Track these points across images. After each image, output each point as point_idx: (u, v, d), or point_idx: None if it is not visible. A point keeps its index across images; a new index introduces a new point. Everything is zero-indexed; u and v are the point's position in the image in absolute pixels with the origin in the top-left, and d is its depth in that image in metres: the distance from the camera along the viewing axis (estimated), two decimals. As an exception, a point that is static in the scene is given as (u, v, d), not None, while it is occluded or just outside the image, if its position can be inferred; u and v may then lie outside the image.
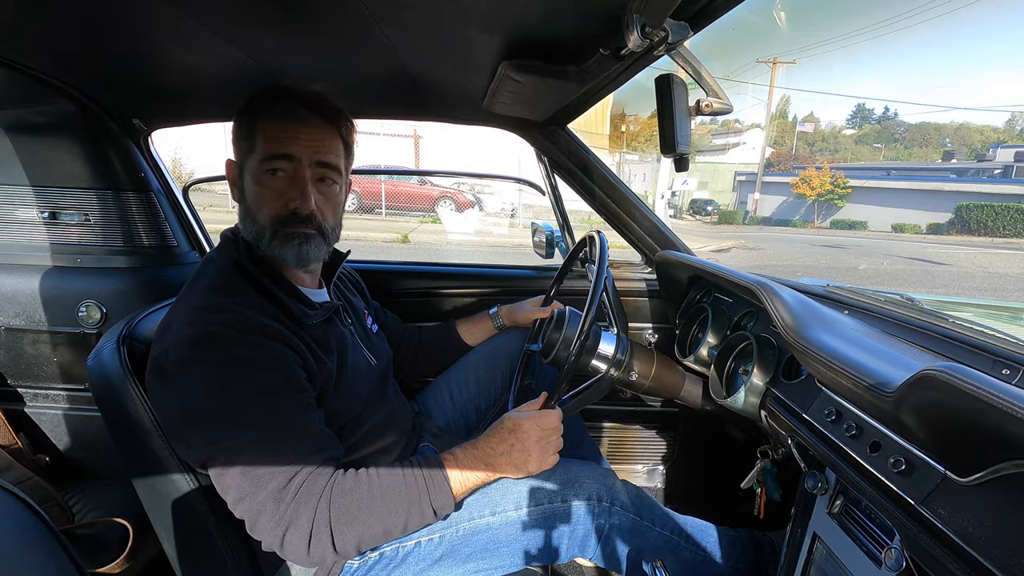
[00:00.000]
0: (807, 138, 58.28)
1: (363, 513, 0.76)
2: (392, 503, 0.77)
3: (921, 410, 0.58)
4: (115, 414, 0.85)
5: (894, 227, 22.75)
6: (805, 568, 0.86)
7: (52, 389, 1.42)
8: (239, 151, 0.89)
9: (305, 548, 0.74)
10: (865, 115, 75.71)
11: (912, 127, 70.80)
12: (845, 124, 74.51)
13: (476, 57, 0.95)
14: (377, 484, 0.78)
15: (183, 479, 0.85)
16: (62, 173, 1.32)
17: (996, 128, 68.42)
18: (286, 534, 0.73)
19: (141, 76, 1.13)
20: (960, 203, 21.16)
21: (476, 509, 0.92)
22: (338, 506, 0.75)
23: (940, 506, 0.55)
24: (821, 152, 56.14)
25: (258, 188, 0.84)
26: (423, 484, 0.80)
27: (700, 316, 1.29)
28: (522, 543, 0.92)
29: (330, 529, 0.74)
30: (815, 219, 25.61)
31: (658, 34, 0.69)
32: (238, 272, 0.86)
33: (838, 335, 0.82)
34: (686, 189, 30.67)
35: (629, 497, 0.98)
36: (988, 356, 0.72)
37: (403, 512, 0.78)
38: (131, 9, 0.79)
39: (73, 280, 1.35)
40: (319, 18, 0.82)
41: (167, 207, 1.44)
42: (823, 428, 0.77)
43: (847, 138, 66.77)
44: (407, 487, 0.79)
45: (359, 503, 0.76)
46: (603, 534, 0.95)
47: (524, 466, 0.85)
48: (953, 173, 29.52)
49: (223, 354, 0.75)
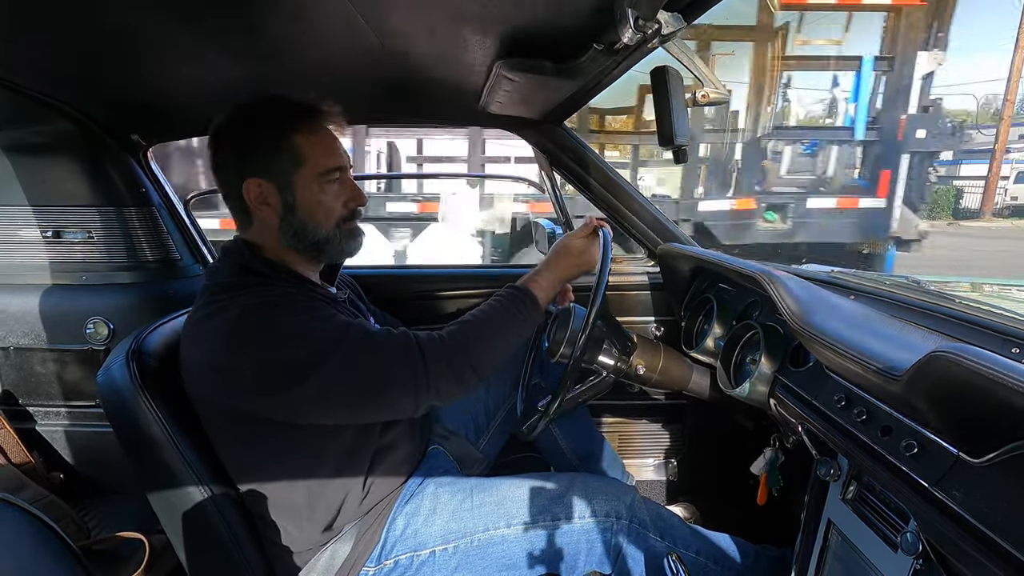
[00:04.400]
0: None
1: (479, 335, 0.89)
2: (489, 318, 0.91)
3: (931, 392, 0.58)
4: (127, 429, 0.86)
5: None
6: (821, 555, 0.86)
7: (63, 407, 1.43)
8: (271, 169, 0.87)
9: (456, 387, 0.86)
10: None
11: None
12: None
13: (470, 57, 0.95)
14: (470, 316, 0.92)
15: (197, 491, 0.86)
16: (63, 192, 1.32)
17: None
18: (431, 386, 0.83)
19: (139, 92, 1.14)
20: None
21: (492, 521, 0.92)
22: (459, 340, 0.87)
23: (954, 488, 0.55)
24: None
25: (321, 197, 0.90)
26: (507, 294, 0.94)
27: (705, 307, 1.29)
28: (537, 558, 0.92)
29: (467, 361, 0.86)
30: None
31: (652, 26, 0.68)
32: (243, 273, 0.88)
33: (845, 320, 0.81)
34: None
35: (649, 515, 0.98)
36: (997, 335, 0.72)
37: (505, 317, 0.92)
38: (128, 28, 0.80)
39: (79, 297, 1.36)
40: (312, 25, 0.82)
41: (169, 221, 1.44)
42: (833, 414, 0.76)
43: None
44: (496, 303, 0.93)
45: (469, 330, 0.89)
46: (620, 552, 0.95)
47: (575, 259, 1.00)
48: None
49: (288, 306, 0.84)
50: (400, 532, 0.93)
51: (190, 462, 0.85)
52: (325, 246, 0.92)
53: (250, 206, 0.89)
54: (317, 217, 0.90)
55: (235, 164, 0.89)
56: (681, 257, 1.36)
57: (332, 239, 0.92)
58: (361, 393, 0.83)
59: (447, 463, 1.12)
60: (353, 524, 0.94)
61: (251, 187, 0.87)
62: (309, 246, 0.92)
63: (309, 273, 0.96)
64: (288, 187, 0.88)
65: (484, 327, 0.90)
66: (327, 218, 0.91)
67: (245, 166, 0.88)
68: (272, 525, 0.91)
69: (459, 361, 0.85)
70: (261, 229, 0.91)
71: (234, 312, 0.81)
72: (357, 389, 0.83)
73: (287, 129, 0.88)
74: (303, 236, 0.90)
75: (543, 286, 0.96)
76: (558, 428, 1.30)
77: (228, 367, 0.81)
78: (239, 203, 0.90)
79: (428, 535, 0.93)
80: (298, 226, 0.90)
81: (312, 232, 0.91)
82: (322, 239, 0.91)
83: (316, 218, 0.90)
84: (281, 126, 0.88)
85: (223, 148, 0.90)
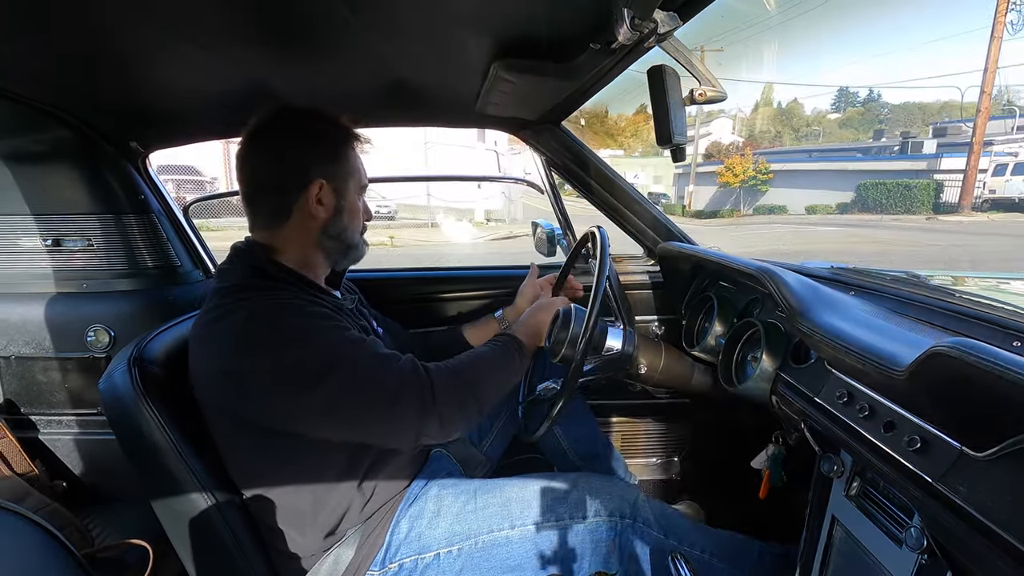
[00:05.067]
0: (792, 123, 56.80)
1: (480, 369, 0.93)
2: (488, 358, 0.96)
3: (934, 387, 0.58)
4: (130, 436, 0.86)
5: (807, 209, 22.37)
6: (825, 552, 0.86)
7: (65, 415, 1.43)
8: (335, 175, 0.93)
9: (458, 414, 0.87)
10: (849, 98, 73.36)
11: (896, 108, 67.67)
12: (830, 108, 72.60)
13: (467, 59, 0.96)
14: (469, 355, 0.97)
15: (201, 497, 0.86)
16: (62, 200, 1.32)
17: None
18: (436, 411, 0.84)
19: (137, 99, 1.14)
20: (860, 182, 21.11)
21: (496, 522, 0.92)
22: (463, 371, 0.91)
23: (958, 482, 0.55)
24: (806, 138, 54.22)
25: (359, 205, 1.00)
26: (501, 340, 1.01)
27: (706, 305, 1.29)
28: (542, 559, 0.92)
29: (470, 390, 0.89)
30: (741, 207, 24.94)
31: (648, 26, 0.68)
32: (254, 275, 0.88)
33: (845, 316, 0.82)
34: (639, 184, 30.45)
35: (653, 514, 0.98)
36: (998, 329, 0.72)
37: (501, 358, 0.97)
38: (127, 36, 0.80)
39: (80, 305, 1.36)
40: (310, 30, 0.82)
41: (169, 228, 1.44)
42: (835, 410, 0.76)
43: (831, 122, 64.51)
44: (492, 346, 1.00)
45: (470, 364, 0.94)
46: (625, 551, 0.95)
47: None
48: (859, 152, 29.18)
49: (296, 313, 0.84)
50: (404, 535, 0.93)
51: (193, 469, 0.85)
52: (352, 250, 1.00)
53: (304, 205, 0.91)
54: (355, 223, 0.99)
55: (299, 164, 0.91)
56: (681, 256, 1.36)
57: (359, 244, 1.02)
58: (367, 409, 0.83)
59: (450, 465, 1.12)
60: (357, 528, 0.94)
61: (315, 187, 0.91)
62: (342, 247, 0.98)
63: (319, 278, 0.98)
64: (342, 193, 0.95)
65: (486, 364, 0.95)
66: (359, 225, 1.01)
67: (311, 166, 0.91)
68: (276, 531, 0.91)
69: (466, 391, 0.88)
70: (298, 228, 0.93)
71: (242, 315, 0.81)
72: (364, 404, 0.83)
73: (344, 141, 0.96)
74: (342, 238, 0.97)
75: (524, 335, 1.04)
76: (561, 429, 1.30)
77: (235, 371, 0.81)
78: (283, 201, 0.91)
79: (432, 538, 0.93)
80: (341, 228, 0.96)
81: (350, 236, 0.98)
82: (354, 243, 1.00)
83: (355, 224, 0.99)
84: (340, 138, 0.95)
85: (276, 148, 0.92)
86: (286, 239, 0.93)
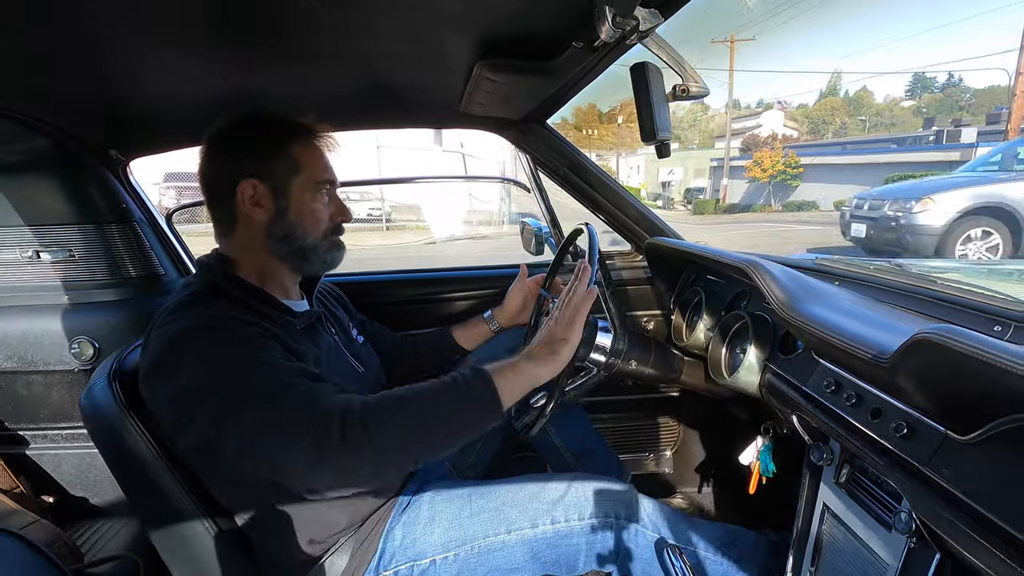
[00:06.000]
0: (860, 113, 51.89)
1: (403, 412, 0.72)
2: (432, 401, 0.74)
3: (918, 373, 0.59)
4: (115, 451, 0.84)
5: (835, 205, 19.94)
6: (817, 539, 0.87)
7: (51, 429, 1.41)
8: (269, 173, 0.89)
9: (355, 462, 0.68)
10: (926, 83, 62.90)
11: (980, 92, 55.05)
12: (904, 95, 63.84)
13: (451, 60, 0.95)
14: (410, 390, 0.74)
15: (189, 510, 0.84)
16: (42, 211, 1.30)
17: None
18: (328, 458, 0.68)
19: (116, 107, 1.12)
20: (886, 175, 18.40)
21: (491, 527, 0.92)
22: (375, 412, 0.70)
23: (943, 466, 0.56)
24: (875, 127, 48.52)
25: (313, 206, 0.93)
26: (462, 381, 0.75)
27: (694, 300, 1.30)
28: (538, 562, 0.92)
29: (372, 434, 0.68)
30: (772, 202, 23.81)
31: (629, 23, 0.69)
32: (211, 292, 0.86)
33: (831, 306, 0.83)
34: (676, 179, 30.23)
35: (647, 513, 0.98)
36: (979, 314, 0.73)
37: (447, 406, 0.74)
38: (105, 43, 0.79)
39: (62, 318, 1.34)
40: (290, 32, 0.81)
41: (152, 236, 1.42)
42: (823, 399, 0.77)
43: (905, 110, 56.27)
44: (443, 385, 0.75)
45: (396, 404, 0.72)
46: (620, 551, 0.95)
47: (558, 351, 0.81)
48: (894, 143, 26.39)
49: (208, 336, 0.77)
50: (399, 542, 0.92)
51: (181, 482, 0.84)
52: (310, 254, 0.94)
53: (240, 208, 0.89)
54: (306, 224, 0.92)
55: (230, 165, 0.89)
56: (668, 251, 1.37)
57: (318, 248, 0.94)
58: (257, 439, 0.71)
59: (442, 468, 1.11)
60: (349, 536, 0.93)
61: (245, 188, 0.88)
62: (294, 251, 0.93)
63: (285, 289, 0.95)
64: (282, 192, 0.90)
65: (422, 418, 0.73)
66: (316, 226, 0.94)
67: (241, 167, 0.88)
68: (267, 542, 0.90)
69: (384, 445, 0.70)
70: (245, 235, 0.91)
71: (163, 340, 0.78)
72: (252, 434, 0.71)
73: (286, 137, 0.91)
74: (290, 241, 0.92)
75: (512, 380, 0.78)
76: (553, 427, 1.30)
77: (152, 397, 0.79)
78: (227, 206, 0.90)
79: (427, 544, 0.92)
80: (287, 230, 0.91)
81: (300, 238, 0.92)
82: (308, 246, 0.93)
83: (305, 225, 0.92)
84: (280, 134, 0.91)
85: (217, 152, 0.91)
86: (239, 248, 0.91)
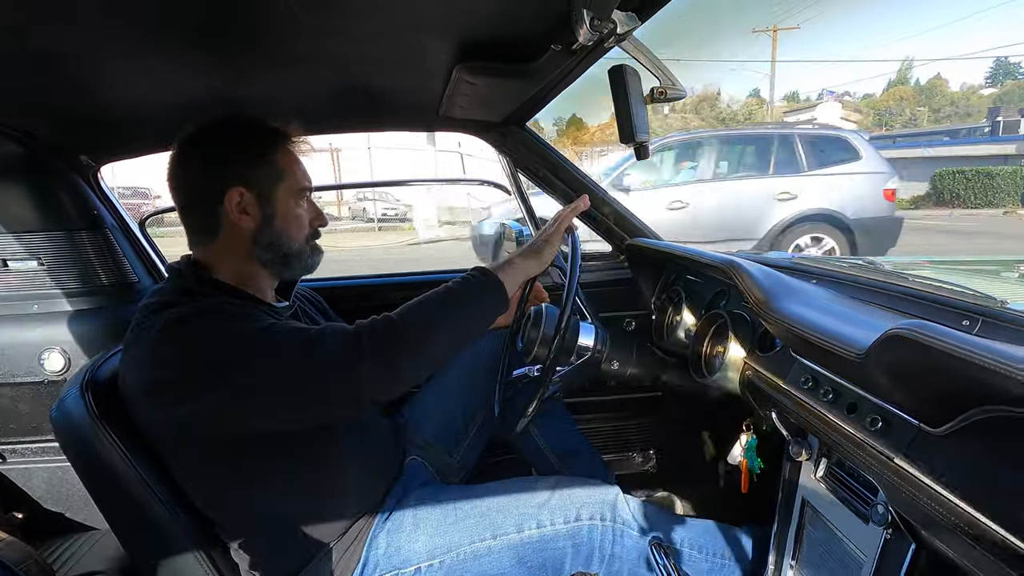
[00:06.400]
0: (932, 104, 46.86)
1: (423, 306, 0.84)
2: (446, 291, 0.87)
3: (892, 368, 0.60)
4: (88, 464, 0.82)
5: None
6: (798, 532, 0.88)
7: (20, 443, 1.36)
8: (255, 180, 0.88)
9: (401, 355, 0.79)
10: (1009, 69, 54.66)
11: None
12: (984, 83, 55.55)
13: (429, 63, 0.95)
14: (423, 295, 0.86)
15: (166, 523, 0.82)
16: (9, 218, 1.26)
17: None
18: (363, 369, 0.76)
19: (86, 111, 1.09)
20: (936, 170, 16.64)
21: (477, 533, 0.92)
22: (397, 313, 0.82)
23: (917, 458, 0.57)
24: (948, 118, 41.78)
25: (297, 211, 0.94)
26: (469, 276, 0.89)
27: (674, 299, 1.31)
28: (525, 567, 0.92)
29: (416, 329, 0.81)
30: None
31: (607, 26, 0.69)
32: (182, 293, 0.85)
33: (807, 304, 0.84)
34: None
35: (632, 513, 0.98)
36: (949, 310, 0.75)
37: (464, 296, 0.87)
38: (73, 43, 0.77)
39: (31, 328, 1.30)
40: (269, 37, 0.81)
41: (124, 243, 1.39)
42: (801, 395, 0.79)
43: (984, 99, 46.75)
44: (453, 283, 0.88)
45: (415, 303, 0.85)
46: (606, 552, 0.95)
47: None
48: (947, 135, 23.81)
49: (210, 314, 0.80)
50: (383, 550, 0.91)
51: (158, 494, 0.82)
52: (292, 259, 0.94)
53: (226, 216, 0.87)
54: (291, 230, 0.93)
55: (213, 172, 0.87)
56: (649, 251, 1.39)
57: (301, 253, 0.95)
58: (287, 368, 0.76)
59: (426, 474, 1.10)
60: (331, 544, 0.92)
61: (233, 196, 0.87)
62: (279, 257, 0.92)
63: (263, 293, 0.95)
64: (268, 199, 0.90)
65: (440, 307, 0.85)
66: (299, 232, 0.94)
67: (228, 175, 0.87)
68: (246, 553, 0.89)
69: (407, 330, 0.81)
70: (229, 242, 0.89)
71: (157, 328, 0.78)
72: (282, 366, 0.76)
73: (267, 143, 0.90)
74: (276, 247, 0.91)
75: (509, 273, 0.92)
76: (537, 429, 1.30)
77: (154, 381, 0.78)
78: (209, 213, 0.88)
79: (412, 551, 0.91)
80: (274, 237, 0.91)
81: (286, 244, 0.92)
82: (293, 252, 0.94)
83: (291, 231, 0.93)
84: (260, 140, 0.90)
85: (193, 158, 0.89)
86: (219, 254, 0.90)
